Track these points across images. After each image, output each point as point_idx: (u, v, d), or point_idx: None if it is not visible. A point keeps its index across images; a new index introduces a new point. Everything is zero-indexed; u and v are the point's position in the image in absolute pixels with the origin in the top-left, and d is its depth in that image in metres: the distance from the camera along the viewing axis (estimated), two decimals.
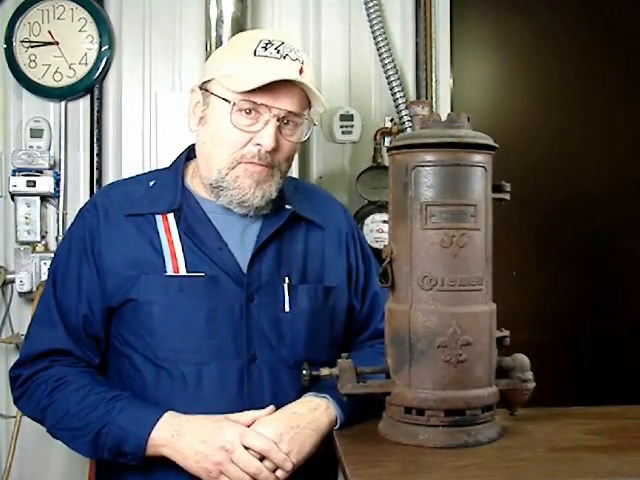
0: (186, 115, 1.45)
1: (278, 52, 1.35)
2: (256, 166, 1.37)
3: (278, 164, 1.40)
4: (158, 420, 1.26)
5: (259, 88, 1.33)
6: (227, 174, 1.38)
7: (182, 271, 1.36)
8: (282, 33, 1.49)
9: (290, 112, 1.37)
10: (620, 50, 2.48)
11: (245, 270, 1.39)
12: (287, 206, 1.46)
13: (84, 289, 1.39)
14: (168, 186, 1.45)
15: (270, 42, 1.36)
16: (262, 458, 1.23)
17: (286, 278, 1.42)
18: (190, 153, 1.51)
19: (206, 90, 1.40)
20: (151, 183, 1.46)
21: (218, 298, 1.36)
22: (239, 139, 1.36)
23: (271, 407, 1.30)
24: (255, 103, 1.34)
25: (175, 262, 1.37)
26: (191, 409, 1.30)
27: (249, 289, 1.38)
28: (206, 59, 2.10)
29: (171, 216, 1.41)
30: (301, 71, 1.36)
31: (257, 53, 1.35)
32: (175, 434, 1.25)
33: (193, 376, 1.33)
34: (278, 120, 1.36)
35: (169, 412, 1.28)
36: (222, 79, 1.37)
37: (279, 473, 1.24)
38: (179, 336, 1.34)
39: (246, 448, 1.23)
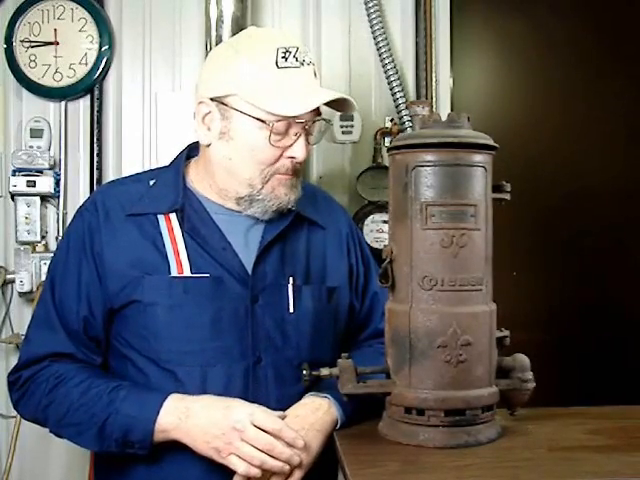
0: (196, 126, 1.41)
1: (297, 60, 1.34)
2: (290, 176, 1.38)
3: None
4: (163, 403, 1.26)
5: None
6: (262, 187, 1.37)
7: (187, 272, 1.36)
8: (288, 34, 1.48)
9: (315, 119, 1.37)
10: (619, 50, 2.48)
11: (250, 271, 1.38)
12: None
13: (84, 290, 1.37)
14: (169, 186, 1.43)
15: (287, 50, 1.34)
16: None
17: (290, 279, 1.41)
18: (190, 152, 1.50)
19: (223, 104, 1.36)
20: (151, 182, 1.45)
21: (223, 299, 1.36)
22: (273, 155, 1.36)
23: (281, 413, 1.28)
24: (290, 121, 1.33)
25: (179, 263, 1.36)
26: None
27: (254, 290, 1.38)
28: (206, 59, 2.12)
29: (174, 216, 1.40)
30: (314, 74, 1.37)
31: (279, 65, 1.33)
32: (183, 416, 1.25)
33: (198, 378, 1.33)
34: (304, 129, 1.36)
35: (172, 395, 1.28)
36: (248, 97, 1.33)
37: (296, 472, 1.25)
38: (184, 338, 1.33)
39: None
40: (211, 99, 1.37)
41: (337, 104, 1.39)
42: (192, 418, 1.25)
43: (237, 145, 1.37)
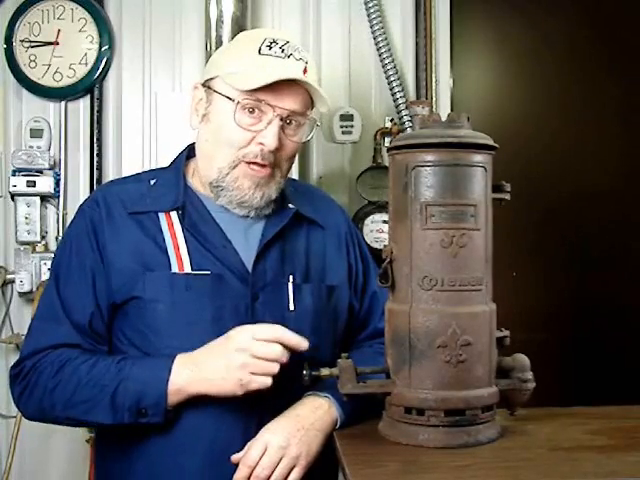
0: (188, 112, 1.44)
1: (283, 51, 1.36)
2: (257, 168, 1.37)
3: (279, 164, 1.40)
4: (173, 362, 1.27)
5: (263, 87, 1.32)
6: (227, 174, 1.38)
7: (187, 269, 1.36)
8: (285, 33, 1.49)
9: (293, 112, 1.37)
10: (618, 51, 2.48)
11: (250, 269, 1.38)
12: (290, 205, 1.46)
13: (90, 283, 1.37)
14: (170, 185, 1.44)
15: (275, 41, 1.36)
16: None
17: (290, 277, 1.42)
18: (190, 152, 1.50)
19: (209, 87, 1.40)
20: (152, 182, 1.46)
21: (224, 297, 1.36)
22: (241, 138, 1.36)
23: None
24: (259, 101, 1.34)
25: (180, 260, 1.36)
26: (197, 408, 1.29)
27: (254, 288, 1.38)
28: (206, 59, 2.11)
29: (174, 214, 1.40)
30: (305, 71, 1.36)
31: (262, 52, 1.35)
32: (194, 368, 1.26)
33: None
34: (281, 120, 1.36)
35: (179, 355, 1.29)
36: (226, 77, 1.37)
37: (295, 472, 1.25)
38: (185, 335, 1.33)
39: None
40: (202, 85, 1.42)
41: (317, 100, 1.40)
42: (202, 365, 1.26)
43: (212, 126, 1.40)
